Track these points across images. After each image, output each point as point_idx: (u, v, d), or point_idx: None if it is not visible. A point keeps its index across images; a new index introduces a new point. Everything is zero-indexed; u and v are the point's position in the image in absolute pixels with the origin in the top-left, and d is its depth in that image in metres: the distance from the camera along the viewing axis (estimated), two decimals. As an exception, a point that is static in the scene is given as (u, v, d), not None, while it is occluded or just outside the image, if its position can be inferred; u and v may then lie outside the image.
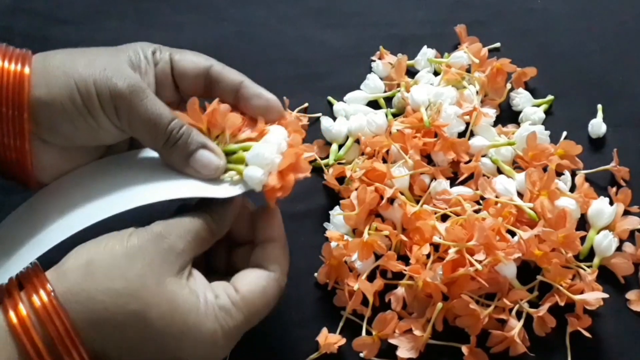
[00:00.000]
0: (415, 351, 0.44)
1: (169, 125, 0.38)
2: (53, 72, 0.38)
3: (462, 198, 0.48)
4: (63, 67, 0.38)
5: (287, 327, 0.47)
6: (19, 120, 0.37)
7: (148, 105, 0.38)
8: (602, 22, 0.62)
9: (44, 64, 0.38)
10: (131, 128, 0.39)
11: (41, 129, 0.38)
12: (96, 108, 0.38)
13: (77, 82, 0.37)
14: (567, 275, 0.46)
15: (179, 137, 0.39)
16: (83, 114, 0.38)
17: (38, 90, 0.37)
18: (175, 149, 0.39)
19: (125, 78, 0.38)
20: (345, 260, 0.48)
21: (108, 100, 0.37)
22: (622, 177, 0.52)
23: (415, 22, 0.63)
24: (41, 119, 0.37)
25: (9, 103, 0.37)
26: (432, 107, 0.52)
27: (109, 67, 0.38)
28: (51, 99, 0.37)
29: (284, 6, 0.64)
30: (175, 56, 0.42)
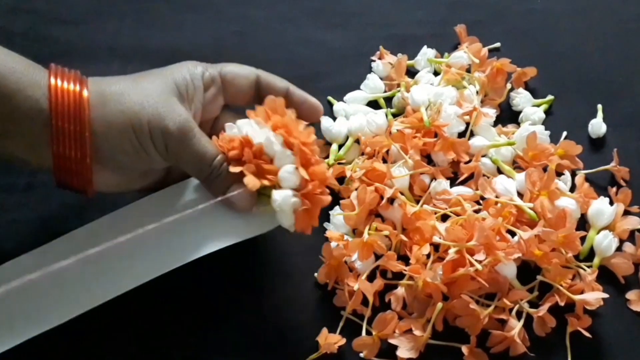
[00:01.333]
0: (415, 351, 0.44)
1: (212, 162, 0.43)
2: (110, 108, 0.41)
3: (462, 198, 0.48)
4: (119, 104, 0.41)
5: (287, 327, 0.47)
6: (80, 136, 0.41)
7: (195, 144, 0.42)
8: (603, 22, 0.62)
9: (100, 94, 0.42)
10: (179, 162, 0.43)
11: (99, 158, 0.42)
12: (149, 146, 0.42)
13: (132, 120, 0.41)
14: (567, 275, 0.46)
15: (220, 172, 0.43)
16: (137, 150, 0.42)
17: (97, 125, 0.41)
18: (216, 181, 0.43)
19: (175, 118, 0.42)
20: (345, 260, 0.48)
21: (160, 140, 0.42)
22: (622, 177, 0.52)
23: (415, 22, 0.63)
24: (100, 149, 0.41)
25: (70, 119, 0.40)
26: (432, 107, 0.52)
27: (161, 106, 0.42)
28: (109, 134, 0.41)
29: (284, 6, 0.64)
30: (226, 74, 0.46)
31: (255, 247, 0.50)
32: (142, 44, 0.61)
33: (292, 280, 0.49)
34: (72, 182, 0.43)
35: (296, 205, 0.42)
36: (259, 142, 0.42)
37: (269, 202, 0.43)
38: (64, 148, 0.41)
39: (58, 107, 0.40)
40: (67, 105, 0.40)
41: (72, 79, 0.41)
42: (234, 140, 0.43)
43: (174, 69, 0.44)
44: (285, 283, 0.49)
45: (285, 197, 0.42)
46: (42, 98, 0.40)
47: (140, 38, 0.62)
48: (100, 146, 0.41)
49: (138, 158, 0.42)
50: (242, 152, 0.43)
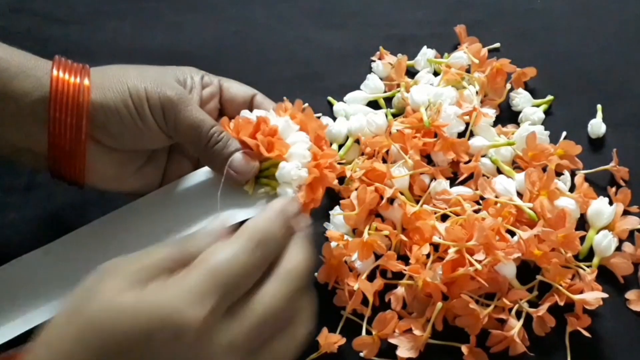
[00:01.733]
0: (415, 351, 0.44)
1: (210, 129, 0.42)
2: (109, 79, 0.42)
3: (462, 198, 0.49)
4: (118, 76, 0.42)
5: (287, 327, 0.47)
6: (77, 127, 0.41)
7: (193, 111, 0.42)
8: (603, 22, 0.62)
9: (101, 75, 0.42)
10: (176, 131, 0.43)
11: (94, 129, 0.42)
12: (146, 112, 0.42)
13: (130, 88, 0.42)
14: (567, 275, 0.46)
15: (219, 139, 0.43)
16: (134, 117, 0.42)
17: (94, 94, 0.41)
18: (215, 150, 0.43)
19: (173, 88, 0.43)
20: (345, 260, 0.48)
21: (157, 105, 0.42)
22: (621, 177, 0.52)
23: (415, 22, 0.63)
24: (95, 120, 0.41)
25: (69, 111, 0.41)
26: (432, 107, 0.52)
27: (159, 79, 0.43)
28: (106, 102, 0.41)
29: (284, 6, 0.64)
30: (224, 82, 0.48)
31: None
32: (142, 44, 0.61)
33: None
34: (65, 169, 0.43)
35: (301, 180, 0.43)
36: (274, 124, 0.44)
37: (269, 182, 0.43)
38: (60, 139, 0.41)
39: (57, 97, 0.40)
40: (68, 96, 0.41)
41: (75, 71, 0.42)
42: (250, 122, 0.44)
43: (177, 68, 0.46)
44: (285, 283, 0.49)
45: (292, 167, 0.42)
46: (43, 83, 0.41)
47: (140, 38, 0.62)
48: (97, 117, 0.41)
49: (135, 128, 0.42)
50: (256, 130, 0.43)
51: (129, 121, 0.42)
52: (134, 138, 0.43)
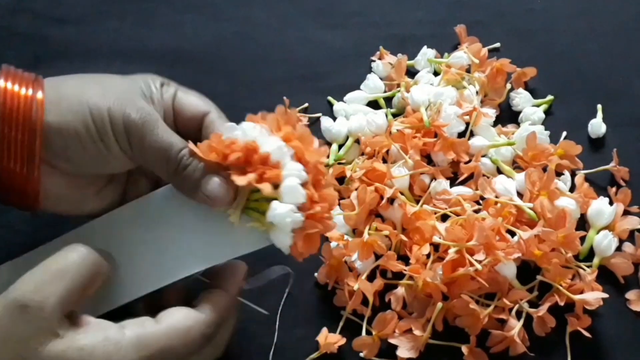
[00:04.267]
0: (415, 351, 0.44)
1: (179, 153, 0.38)
2: (67, 98, 0.37)
3: (462, 198, 0.49)
4: (77, 94, 0.38)
5: (287, 327, 0.47)
6: (29, 146, 0.36)
7: (159, 134, 0.38)
8: (602, 22, 0.62)
9: (56, 90, 0.38)
10: (142, 156, 0.39)
11: (51, 155, 0.37)
12: (109, 136, 0.38)
13: (91, 109, 0.37)
14: (567, 275, 0.46)
15: (188, 163, 0.38)
16: (95, 141, 0.38)
17: (50, 115, 0.37)
18: (186, 175, 0.38)
19: (138, 109, 0.38)
20: (345, 260, 0.48)
21: (121, 129, 0.38)
22: (621, 177, 0.52)
23: (415, 22, 0.63)
24: (52, 144, 0.37)
25: (19, 127, 0.36)
26: (432, 107, 0.52)
27: (123, 97, 0.38)
28: (65, 125, 0.37)
29: (284, 6, 0.64)
30: (179, 93, 0.42)
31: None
32: (143, 44, 0.61)
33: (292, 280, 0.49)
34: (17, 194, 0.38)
35: (297, 224, 0.36)
36: (266, 151, 0.36)
37: (259, 218, 0.37)
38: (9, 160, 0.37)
39: (6, 112, 0.36)
40: (18, 110, 0.36)
41: (26, 82, 0.38)
42: (234, 143, 0.37)
43: (137, 76, 0.41)
44: (285, 283, 0.48)
45: (286, 211, 0.36)
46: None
47: (141, 38, 0.62)
48: (53, 141, 0.37)
49: (97, 153, 0.38)
50: (246, 157, 0.37)
51: (91, 147, 0.38)
52: (96, 164, 0.39)
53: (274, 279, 0.43)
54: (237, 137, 0.37)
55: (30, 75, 0.38)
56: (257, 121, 0.38)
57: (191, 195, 0.38)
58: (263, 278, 0.43)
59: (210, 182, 0.37)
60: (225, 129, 0.38)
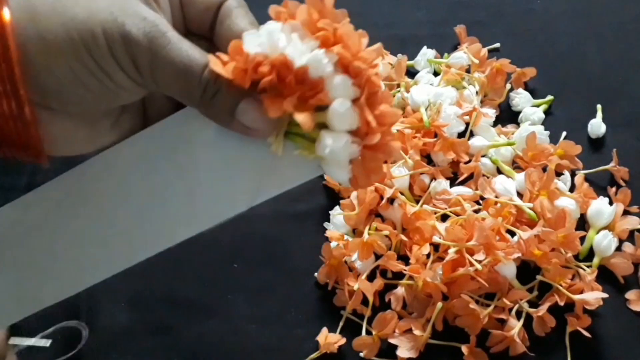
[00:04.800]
0: (415, 351, 0.44)
1: (203, 73, 0.29)
2: (46, 22, 0.29)
3: (462, 198, 0.49)
4: (58, 14, 0.29)
5: (287, 327, 0.47)
6: (9, 79, 0.29)
7: (174, 52, 0.29)
8: (602, 23, 0.62)
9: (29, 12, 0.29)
10: (156, 82, 0.30)
11: (45, 97, 0.30)
12: (109, 63, 0.29)
13: (80, 32, 0.29)
14: (567, 275, 0.46)
15: (217, 86, 0.30)
16: (94, 72, 0.30)
17: (31, 48, 0.29)
18: (215, 102, 0.30)
19: (139, 21, 0.29)
20: (345, 260, 0.48)
21: (122, 52, 0.29)
22: (621, 177, 0.52)
23: (415, 22, 0.63)
24: (42, 84, 0.30)
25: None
26: (432, 107, 0.52)
27: (117, 8, 0.29)
28: (51, 59, 0.29)
29: (284, 6, 0.64)
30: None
31: (255, 246, 0.50)
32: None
33: (292, 280, 0.49)
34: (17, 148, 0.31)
35: (354, 155, 0.29)
36: (301, 64, 0.28)
37: (306, 145, 0.30)
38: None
39: None
40: None
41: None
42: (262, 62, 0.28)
43: None
44: (285, 283, 0.49)
45: (342, 143, 0.28)
46: None
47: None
48: (42, 81, 0.29)
49: (100, 87, 0.30)
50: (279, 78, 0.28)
51: (90, 81, 0.30)
52: (100, 99, 0.31)
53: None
54: (263, 48, 0.28)
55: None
56: (283, 18, 0.30)
57: (225, 124, 0.31)
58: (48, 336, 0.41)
59: (247, 109, 0.30)
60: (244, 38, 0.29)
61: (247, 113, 0.29)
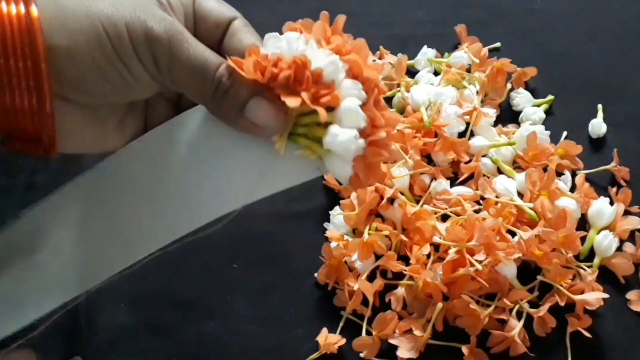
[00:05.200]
0: (416, 351, 0.44)
1: (217, 71, 0.32)
2: (72, 14, 0.31)
3: (462, 198, 0.48)
4: (83, 7, 0.31)
5: (287, 327, 0.47)
6: (34, 76, 0.30)
7: (191, 50, 0.32)
8: (602, 22, 0.62)
9: (55, 4, 0.31)
10: (173, 78, 0.32)
11: (63, 85, 0.31)
12: (130, 56, 0.31)
13: (104, 25, 0.31)
14: (568, 276, 0.46)
15: (229, 84, 0.32)
16: (115, 65, 0.31)
17: (57, 37, 0.30)
18: (226, 98, 0.32)
19: (160, 20, 0.31)
20: (345, 260, 0.47)
21: (144, 47, 0.31)
22: (622, 177, 0.52)
23: (415, 22, 0.63)
24: (63, 73, 0.31)
25: (17, 54, 0.30)
26: (432, 107, 0.52)
27: (139, 7, 0.31)
28: (75, 48, 0.30)
29: (284, 6, 0.64)
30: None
31: (255, 246, 0.50)
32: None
33: (292, 280, 0.49)
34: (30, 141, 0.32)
35: (359, 151, 0.31)
36: (318, 66, 0.31)
37: (309, 145, 0.32)
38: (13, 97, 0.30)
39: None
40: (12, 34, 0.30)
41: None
42: (281, 60, 0.31)
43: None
44: (285, 283, 0.49)
45: (349, 137, 0.30)
46: None
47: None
48: (65, 70, 0.31)
49: (117, 79, 0.32)
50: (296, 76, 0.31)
51: (110, 72, 0.31)
52: (117, 91, 0.33)
53: None
54: (282, 51, 0.31)
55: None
56: (299, 31, 0.33)
57: (232, 123, 0.33)
58: None
59: (257, 106, 0.32)
60: (266, 40, 0.32)
61: (257, 109, 0.31)
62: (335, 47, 0.32)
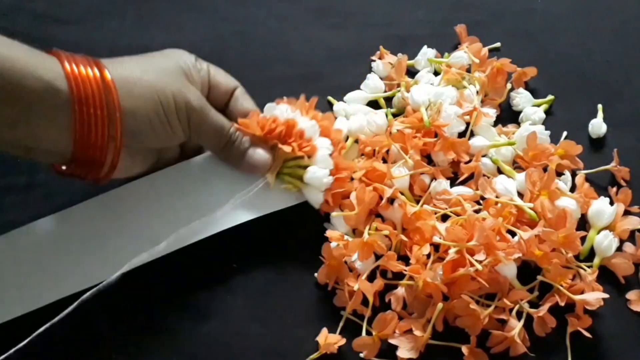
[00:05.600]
0: (416, 351, 0.44)
1: (229, 130, 0.47)
2: (134, 83, 0.42)
3: (462, 198, 0.48)
4: (144, 81, 0.43)
5: (287, 327, 0.47)
6: (110, 121, 0.41)
7: (214, 117, 0.46)
8: (603, 22, 0.62)
9: (121, 75, 0.42)
10: (199, 136, 0.46)
11: (124, 135, 0.42)
12: (174, 119, 0.44)
13: (159, 96, 0.43)
14: (568, 276, 0.46)
15: (235, 138, 0.47)
16: (163, 124, 0.43)
17: (125, 101, 0.41)
18: (232, 148, 0.47)
19: (196, 96, 0.45)
20: (345, 260, 0.47)
21: (184, 114, 0.44)
22: (622, 177, 0.52)
23: (415, 22, 0.63)
24: (126, 126, 0.42)
25: (97, 104, 0.40)
26: (432, 107, 0.52)
27: (178, 83, 0.44)
28: (138, 110, 0.42)
29: (284, 6, 0.64)
30: (211, 70, 0.49)
31: (255, 246, 0.50)
32: (142, 43, 0.61)
33: (292, 280, 0.49)
34: (89, 169, 0.43)
35: (329, 185, 0.48)
36: (302, 127, 0.48)
37: (292, 181, 0.48)
38: (90, 134, 0.40)
39: (81, 92, 0.40)
40: (91, 90, 0.40)
41: (87, 63, 0.41)
42: (276, 121, 0.48)
43: (173, 54, 0.47)
44: (285, 283, 0.48)
45: (323, 174, 0.47)
46: (58, 81, 0.39)
47: (141, 38, 0.62)
48: (128, 124, 0.42)
49: (163, 132, 0.44)
50: (287, 132, 0.48)
51: (159, 129, 0.43)
52: (160, 141, 0.45)
53: None
54: (277, 115, 0.48)
55: (86, 57, 0.42)
56: (289, 104, 0.50)
57: (237, 165, 0.48)
58: None
59: (256, 152, 0.48)
60: (266, 108, 0.50)
61: (254, 155, 0.48)
62: (312, 116, 0.49)
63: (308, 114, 0.50)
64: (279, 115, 0.48)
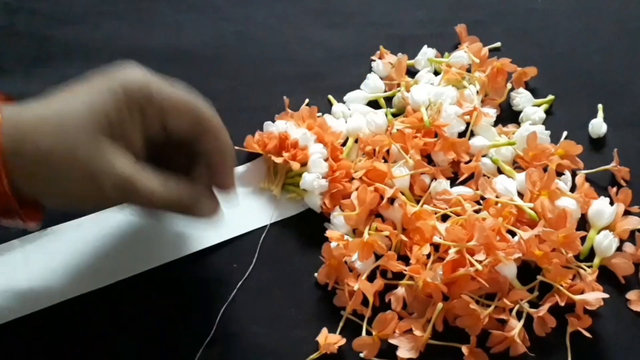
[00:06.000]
0: (416, 351, 0.44)
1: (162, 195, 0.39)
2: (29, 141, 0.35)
3: (463, 198, 0.48)
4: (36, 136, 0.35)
5: (287, 327, 0.47)
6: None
7: (141, 191, 0.37)
8: (603, 22, 0.62)
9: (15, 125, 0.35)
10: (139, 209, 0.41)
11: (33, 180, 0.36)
12: (92, 191, 0.37)
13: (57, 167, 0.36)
14: (568, 276, 0.46)
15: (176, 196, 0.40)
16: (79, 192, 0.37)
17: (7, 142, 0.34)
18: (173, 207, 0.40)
19: (111, 177, 0.36)
20: (345, 260, 0.47)
21: (111, 190, 0.37)
22: (622, 177, 0.52)
23: (415, 22, 0.63)
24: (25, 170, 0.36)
25: None
26: (433, 107, 0.52)
27: (93, 155, 0.36)
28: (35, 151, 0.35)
29: (284, 6, 0.64)
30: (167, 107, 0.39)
31: (255, 246, 0.50)
32: (142, 43, 0.61)
33: (292, 280, 0.49)
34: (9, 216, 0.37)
35: (323, 188, 0.49)
36: (295, 137, 0.50)
37: (295, 190, 0.50)
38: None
39: None
40: None
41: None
42: (270, 136, 0.51)
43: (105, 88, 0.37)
44: (285, 283, 0.48)
45: (313, 178, 0.49)
46: None
47: (140, 38, 0.62)
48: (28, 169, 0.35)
49: (85, 195, 0.37)
50: (280, 145, 0.50)
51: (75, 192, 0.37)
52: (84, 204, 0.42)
53: None
54: (273, 131, 0.52)
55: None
56: (286, 119, 0.53)
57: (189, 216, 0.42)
58: None
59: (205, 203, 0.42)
60: (264, 125, 0.53)
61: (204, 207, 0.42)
62: (307, 125, 0.52)
63: (304, 122, 0.52)
64: (275, 131, 0.51)
